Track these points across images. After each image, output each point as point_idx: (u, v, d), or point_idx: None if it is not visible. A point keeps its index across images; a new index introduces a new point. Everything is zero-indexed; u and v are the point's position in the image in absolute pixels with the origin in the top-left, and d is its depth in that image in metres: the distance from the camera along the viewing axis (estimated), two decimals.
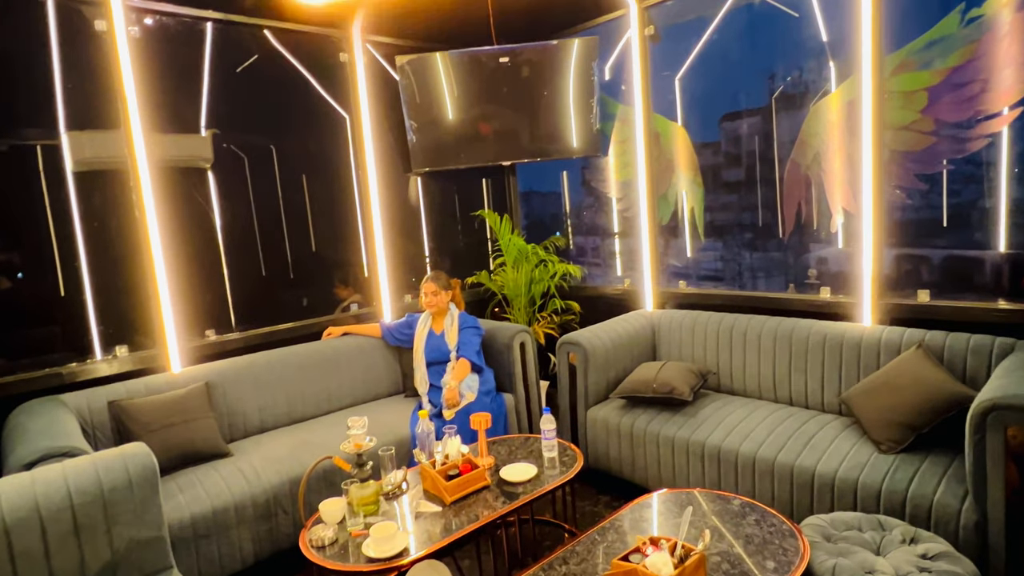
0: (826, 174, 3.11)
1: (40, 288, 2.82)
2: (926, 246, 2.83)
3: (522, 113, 3.96)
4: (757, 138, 3.38)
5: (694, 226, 3.76)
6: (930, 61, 2.66)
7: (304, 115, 3.71)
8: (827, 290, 3.18)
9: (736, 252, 3.60)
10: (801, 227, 3.27)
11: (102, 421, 2.67)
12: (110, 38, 2.86)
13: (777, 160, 3.30)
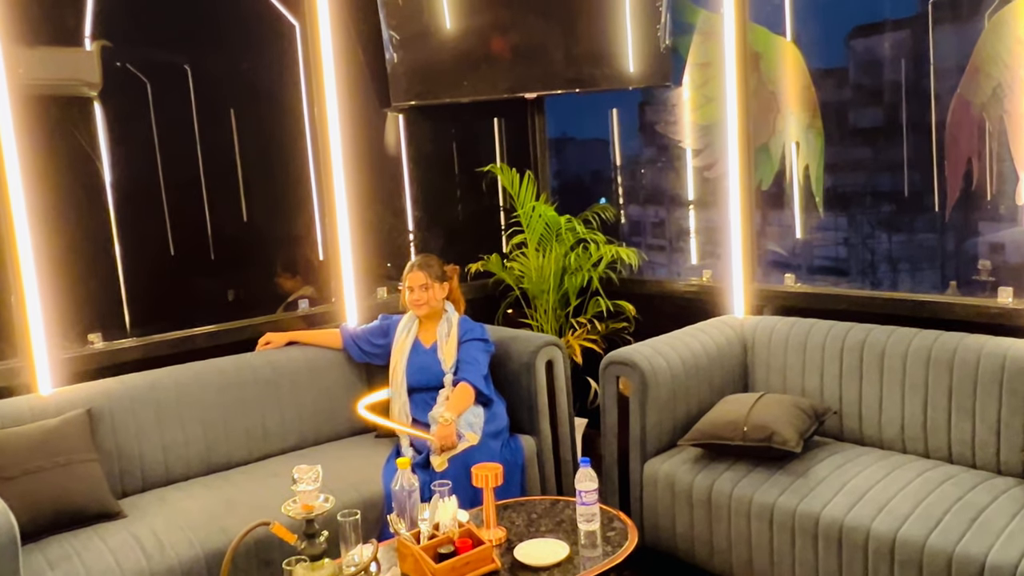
0: (1010, 117, 3.07)
1: None
2: None
3: (555, 21, 3.98)
4: (904, 63, 3.39)
5: (809, 194, 3.74)
6: None
7: (235, 22, 3.76)
8: (1008, 291, 3.13)
9: (869, 233, 3.59)
10: (970, 196, 3.23)
11: None
12: None
13: (934, 97, 3.28)
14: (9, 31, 3.02)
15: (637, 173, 4.53)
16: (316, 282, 4.03)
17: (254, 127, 3.83)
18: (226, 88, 3.74)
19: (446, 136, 4.56)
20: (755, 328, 3.63)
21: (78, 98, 3.34)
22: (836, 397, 3.29)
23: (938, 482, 2.74)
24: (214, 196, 3.71)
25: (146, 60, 3.49)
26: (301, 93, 3.94)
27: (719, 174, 4.03)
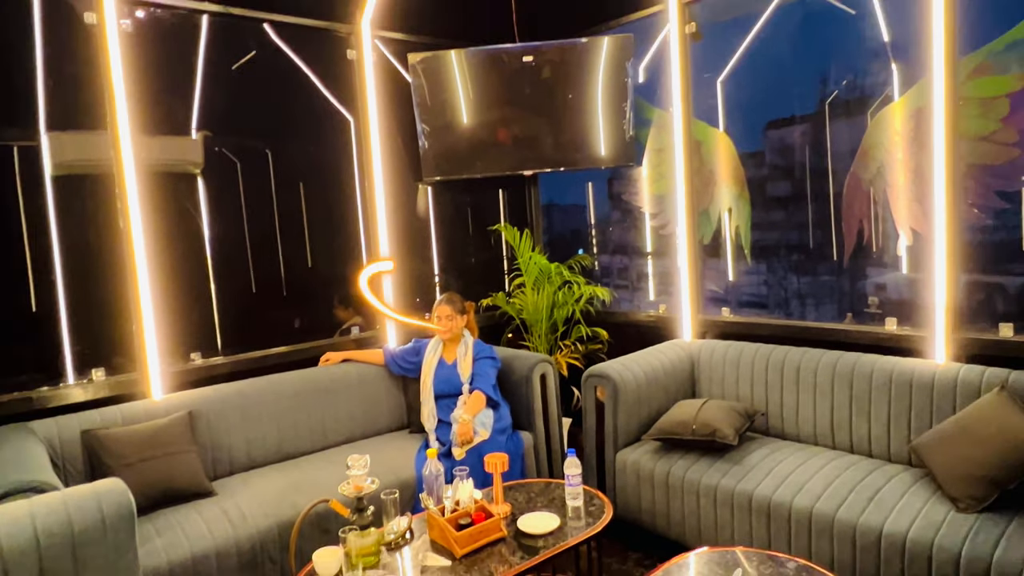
0: (890, 190, 3.10)
1: (10, 303, 2.85)
2: (1010, 273, 2.78)
3: (546, 118, 4.00)
4: (808, 148, 3.39)
5: (739, 247, 3.74)
6: (1011, 65, 2.64)
7: (305, 117, 3.77)
8: (893, 321, 3.14)
9: (784, 277, 3.57)
10: (861, 248, 3.24)
11: (73, 453, 2.67)
12: (99, 32, 2.94)
13: (831, 174, 3.30)
14: (137, 125, 3.06)
15: (607, 231, 4.54)
16: (364, 313, 4.02)
17: (317, 195, 3.84)
18: (297, 166, 3.75)
19: (463, 203, 4.57)
20: (700, 349, 3.62)
21: (186, 174, 3.35)
22: (763, 402, 3.28)
23: (843, 468, 2.73)
24: (286, 247, 3.71)
25: (237, 145, 3.52)
26: (354, 169, 3.95)
27: (670, 232, 4.04)
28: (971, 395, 2.62)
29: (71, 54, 2.93)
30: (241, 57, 3.51)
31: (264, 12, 3.52)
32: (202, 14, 3.33)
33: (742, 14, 3.55)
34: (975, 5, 2.72)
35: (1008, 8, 2.64)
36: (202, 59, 3.36)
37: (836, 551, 2.40)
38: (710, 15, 3.70)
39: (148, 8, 3.15)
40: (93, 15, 2.93)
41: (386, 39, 4.03)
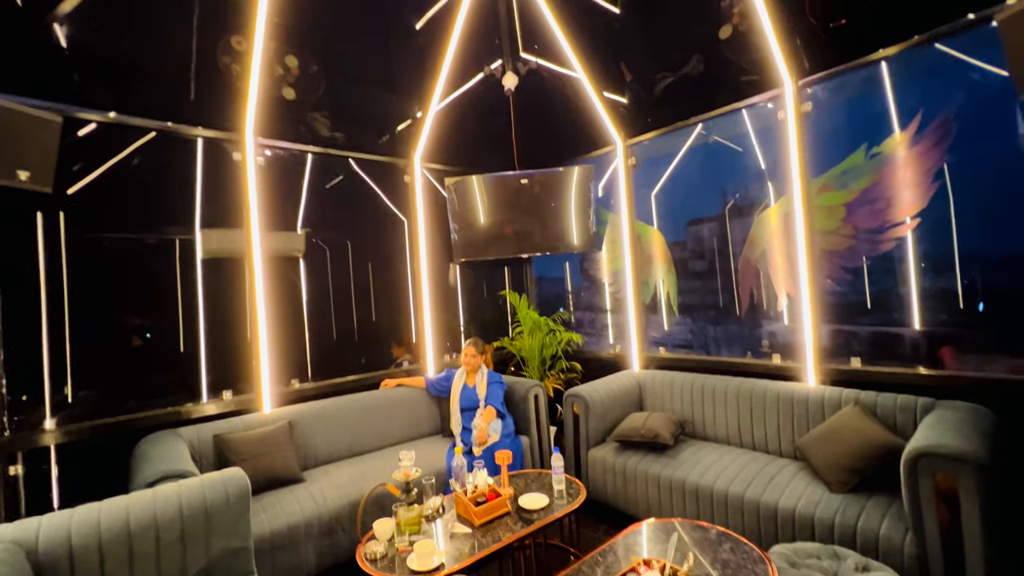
0: (771, 267, 3.17)
1: (166, 345, 2.90)
2: (856, 323, 2.83)
3: (536, 219, 4.12)
4: (716, 239, 3.46)
5: (670, 305, 3.79)
6: (845, 184, 2.78)
7: (373, 219, 3.89)
8: (778, 356, 3.15)
9: (703, 326, 3.60)
10: (754, 307, 3.28)
11: (207, 451, 2.67)
12: (242, 164, 3.12)
13: (732, 255, 3.38)
14: (262, 224, 3.18)
15: (580, 294, 4.58)
16: (412, 351, 4.02)
17: (381, 271, 3.90)
18: (367, 252, 3.83)
19: (480, 276, 4.61)
20: (645, 376, 3.60)
21: (292, 258, 3.44)
22: (691, 414, 3.24)
23: (749, 461, 2.69)
24: (358, 307, 3.75)
25: (328, 238, 3.61)
26: (406, 254, 4.02)
27: (622, 296, 4.09)
28: (834, 407, 2.63)
29: (222, 178, 3.09)
30: (332, 179, 3.67)
31: (350, 152, 3.71)
32: (307, 153, 3.51)
33: (666, 152, 3.74)
34: (816, 147, 2.88)
35: (837, 149, 2.80)
36: (307, 181, 3.52)
37: (745, 521, 2.36)
38: (645, 153, 3.89)
39: (274, 150, 3.34)
40: (239, 155, 3.11)
41: (430, 168, 4.23)
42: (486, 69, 3.97)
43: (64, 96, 2.58)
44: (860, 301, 2.78)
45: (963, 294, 2.43)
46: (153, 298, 2.87)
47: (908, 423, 2.38)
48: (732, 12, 3.03)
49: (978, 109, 2.37)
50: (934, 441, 1.87)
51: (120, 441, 2.55)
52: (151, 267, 2.86)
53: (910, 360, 2.63)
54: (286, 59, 3.33)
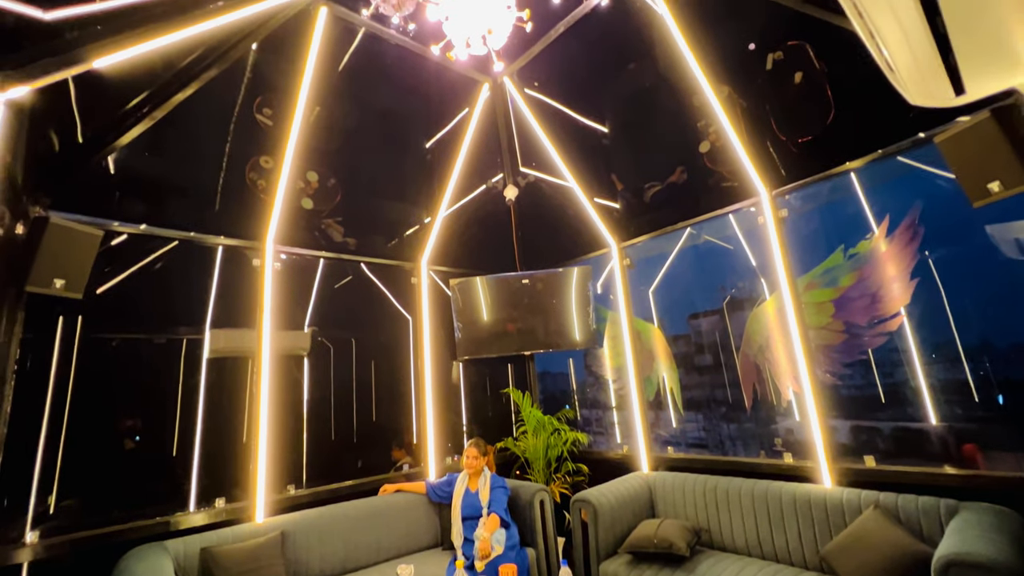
0: (771, 362, 3.23)
1: (157, 449, 2.86)
2: (868, 418, 2.81)
3: (538, 316, 4.26)
4: (717, 332, 3.54)
5: (675, 402, 3.78)
6: (830, 282, 2.95)
7: (379, 317, 4.04)
8: (790, 455, 3.09)
9: (716, 423, 3.53)
10: (760, 402, 3.28)
11: (193, 566, 2.53)
12: (260, 270, 3.34)
13: (734, 349, 3.43)
14: (272, 323, 3.31)
15: (585, 391, 4.57)
16: (413, 454, 3.93)
17: (384, 369, 3.94)
18: (371, 350, 3.90)
19: (483, 373, 4.64)
20: (655, 479, 3.48)
21: (297, 356, 3.51)
22: (706, 520, 3.09)
23: (771, 574, 2.52)
24: (359, 406, 3.73)
25: (333, 336, 3.71)
26: (410, 352, 4.10)
27: (626, 392, 4.07)
28: (854, 512, 2.53)
29: (238, 282, 3.28)
30: (342, 280, 3.88)
31: (361, 256, 3.98)
32: (320, 258, 3.76)
33: (659, 253, 4.00)
34: (797, 248, 3.10)
35: (817, 250, 3.02)
36: (317, 283, 3.73)
37: None
38: (639, 254, 4.15)
39: (290, 255, 3.60)
40: (258, 261, 3.36)
41: (436, 270, 4.48)
42: (489, 182, 4.40)
43: (105, 211, 2.87)
44: (869, 395, 2.79)
45: (976, 386, 2.45)
46: (153, 399, 2.91)
47: (934, 528, 2.28)
48: (708, 131, 3.45)
49: (941, 212, 2.62)
50: (963, 549, 1.81)
51: (103, 555, 2.43)
52: (156, 367, 2.94)
53: (928, 458, 2.58)
54: (307, 174, 3.73)
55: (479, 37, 2.28)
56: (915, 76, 1.35)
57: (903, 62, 1.31)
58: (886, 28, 1.19)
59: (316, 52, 3.05)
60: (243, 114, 3.27)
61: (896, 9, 1.12)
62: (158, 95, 2.47)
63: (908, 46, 1.24)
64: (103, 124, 2.52)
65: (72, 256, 2.46)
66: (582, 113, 4.12)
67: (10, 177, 2.12)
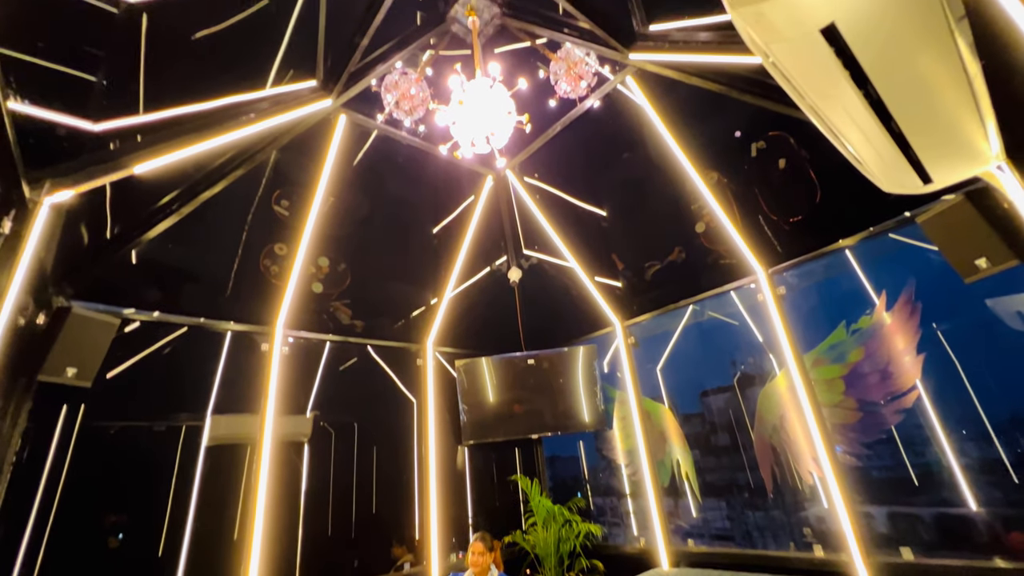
0: (787, 443, 3.13)
1: (143, 549, 2.74)
2: (901, 503, 2.68)
3: (545, 397, 4.22)
4: (731, 410, 3.47)
5: (692, 487, 3.61)
6: (837, 358, 2.95)
7: (383, 400, 4.02)
8: (820, 547, 2.89)
9: (739, 511, 3.36)
10: (781, 488, 3.14)
11: None
12: (268, 354, 3.40)
13: (750, 427, 3.34)
14: (276, 408, 3.28)
15: (597, 476, 4.40)
16: (415, 551, 3.71)
17: (386, 456, 3.86)
18: (374, 434, 3.85)
19: (489, 459, 4.52)
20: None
21: (297, 443, 3.46)
22: None
23: None
24: (358, 495, 3.62)
25: (335, 420, 3.69)
26: (414, 437, 4.01)
27: (640, 477, 3.90)
28: None
29: (244, 367, 3.32)
30: (346, 362, 3.91)
31: (368, 339, 4.05)
32: (327, 341, 3.83)
33: (663, 331, 4.04)
34: (799, 325, 3.13)
35: (819, 327, 3.06)
36: (322, 365, 3.76)
37: None
38: (643, 332, 4.20)
39: (298, 339, 3.67)
40: (267, 345, 3.42)
41: (442, 351, 4.51)
42: (493, 265, 4.58)
43: (122, 299, 3.00)
44: (900, 477, 2.69)
45: (1012, 464, 2.35)
46: (145, 491, 2.83)
47: None
48: (702, 213, 3.65)
49: (938, 286, 2.68)
50: None
51: None
52: (153, 456, 2.90)
53: (974, 549, 2.40)
54: (319, 260, 3.91)
55: (483, 138, 2.53)
56: (882, 169, 1.50)
57: (868, 157, 1.46)
58: (845, 130, 1.34)
59: (335, 152, 3.35)
60: (261, 206, 3.53)
61: (852, 114, 1.27)
62: (187, 193, 2.69)
63: (870, 144, 1.39)
64: (133, 220, 2.73)
65: (87, 344, 2.54)
66: (581, 198, 4.39)
67: (41, 270, 2.26)
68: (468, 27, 2.84)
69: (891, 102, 1.19)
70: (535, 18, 2.95)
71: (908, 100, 1.19)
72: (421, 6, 3.27)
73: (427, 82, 3.39)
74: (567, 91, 3.35)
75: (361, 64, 2.81)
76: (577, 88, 3.27)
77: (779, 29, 0.95)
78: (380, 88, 3.27)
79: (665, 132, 3.42)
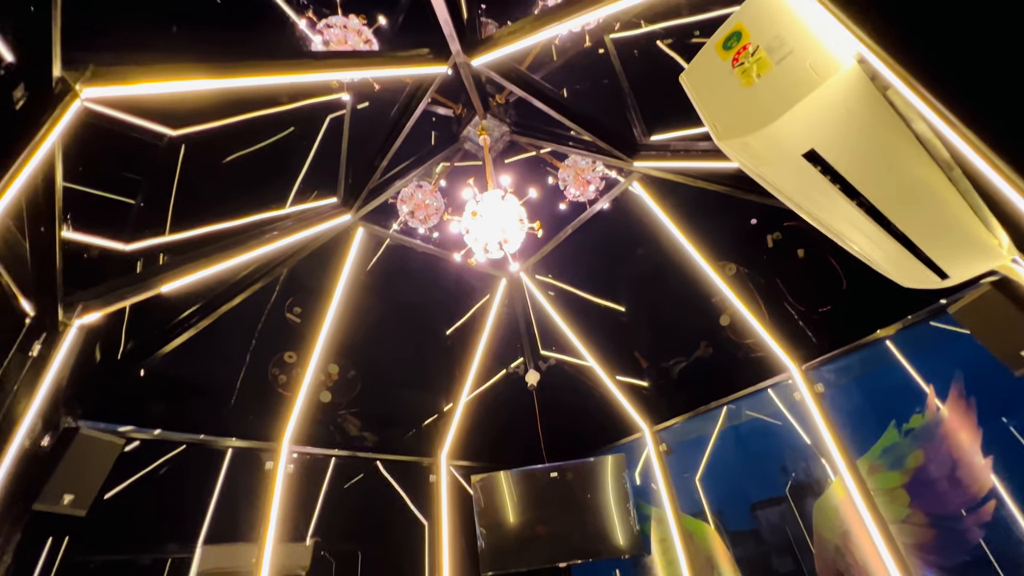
0: (857, 569, 2.88)
1: None
2: None
3: (571, 516, 4.01)
4: (788, 526, 3.26)
5: None
6: (894, 463, 2.82)
7: (391, 522, 3.88)
8: None
9: None
10: None
11: None
12: (272, 473, 3.36)
13: (812, 548, 3.12)
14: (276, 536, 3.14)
15: None
16: None
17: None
18: (380, 564, 3.67)
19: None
20: None
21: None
22: None
23: None
24: None
25: (337, 548, 3.54)
26: (425, 567, 3.81)
27: None
28: None
29: (244, 488, 3.27)
30: (353, 478, 3.83)
31: (377, 453, 4.00)
32: (332, 456, 3.79)
33: (697, 435, 3.93)
34: (845, 426, 3.03)
35: (868, 428, 2.96)
36: (326, 483, 3.69)
37: None
38: (675, 437, 4.08)
39: (302, 455, 3.65)
40: (271, 463, 3.40)
41: (457, 465, 4.40)
42: (509, 368, 4.63)
43: (124, 417, 3.06)
44: None
45: None
46: None
47: None
48: (725, 305, 3.73)
49: (990, 379, 2.62)
50: None
51: None
52: None
53: None
54: (328, 367, 4.02)
55: (496, 244, 2.75)
56: (894, 268, 1.60)
57: (877, 257, 1.57)
58: (849, 233, 1.47)
59: (351, 262, 3.61)
60: (273, 314, 3.73)
61: (852, 221, 1.41)
62: (206, 308, 2.90)
63: (876, 246, 1.50)
64: (149, 337, 2.91)
65: (89, 468, 2.59)
66: (597, 295, 4.55)
67: (57, 391, 2.39)
68: (480, 144, 3.21)
69: (887, 210, 1.32)
70: (542, 134, 3.33)
71: (903, 207, 1.33)
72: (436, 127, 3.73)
73: (441, 192, 3.76)
74: (576, 195, 3.66)
75: (380, 181, 3.16)
76: (586, 192, 3.58)
77: (764, 156, 1.11)
78: (396, 200, 3.62)
79: (674, 229, 3.64)
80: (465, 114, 3.32)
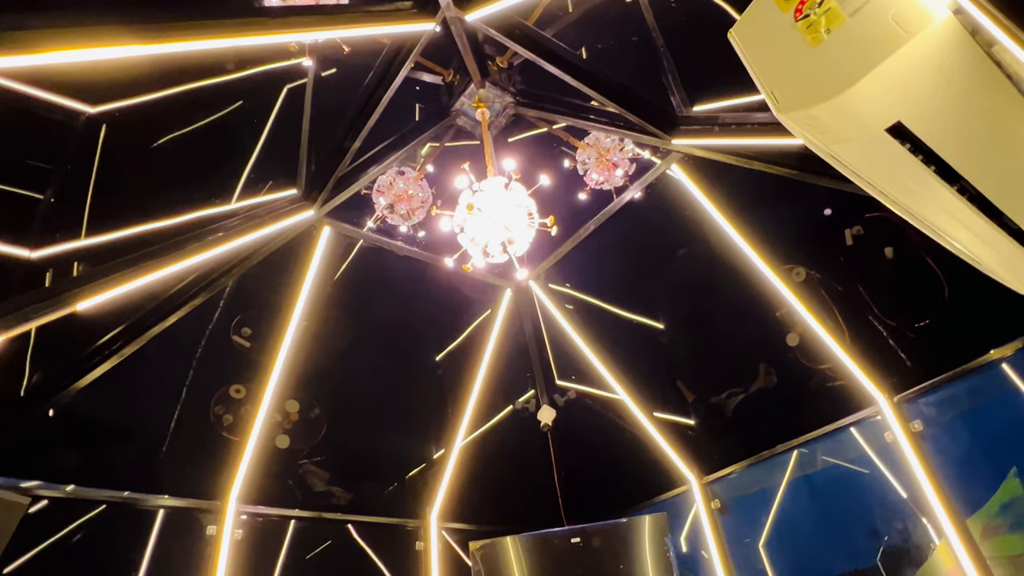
0: None
1: None
2: None
3: None
4: None
5: None
6: (1016, 523, 2.79)
7: None
8: None
9: None
10: None
11: None
12: (216, 540, 3.36)
13: None
14: None
15: None
16: None
17: None
18: None
19: None
20: None
21: None
22: None
23: None
24: None
25: None
26: None
27: None
28: None
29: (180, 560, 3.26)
30: (317, 547, 3.81)
31: (349, 514, 4.00)
32: (290, 519, 3.78)
33: (759, 488, 3.90)
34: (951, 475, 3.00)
35: (980, 477, 2.93)
36: (283, 553, 3.68)
37: None
38: (731, 491, 4.05)
39: (253, 517, 3.64)
40: (214, 527, 3.41)
41: (451, 529, 4.38)
42: (517, 403, 4.63)
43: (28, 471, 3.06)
44: None
45: None
46: None
47: None
48: (792, 321, 3.72)
49: None
50: None
51: None
52: None
53: None
54: (286, 404, 4.02)
55: (498, 245, 2.76)
56: (1008, 271, 1.60)
57: (984, 255, 1.58)
58: (947, 227, 1.47)
59: (315, 269, 3.64)
60: (216, 336, 3.73)
61: (950, 211, 1.42)
62: (132, 330, 2.93)
63: (983, 243, 1.51)
64: (60, 368, 2.93)
65: None
66: (628, 309, 4.55)
67: None
68: (476, 119, 3.24)
69: (996, 198, 1.32)
70: (555, 106, 3.35)
71: (1017, 194, 1.33)
72: (421, 98, 3.75)
73: (428, 180, 3.78)
74: (599, 182, 3.68)
75: (351, 167, 3.18)
76: (611, 178, 3.60)
77: (837, 132, 1.12)
78: (372, 191, 3.65)
79: (725, 223, 3.65)
80: (458, 82, 3.35)
